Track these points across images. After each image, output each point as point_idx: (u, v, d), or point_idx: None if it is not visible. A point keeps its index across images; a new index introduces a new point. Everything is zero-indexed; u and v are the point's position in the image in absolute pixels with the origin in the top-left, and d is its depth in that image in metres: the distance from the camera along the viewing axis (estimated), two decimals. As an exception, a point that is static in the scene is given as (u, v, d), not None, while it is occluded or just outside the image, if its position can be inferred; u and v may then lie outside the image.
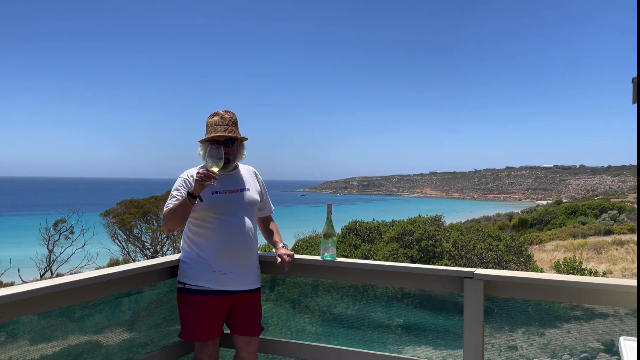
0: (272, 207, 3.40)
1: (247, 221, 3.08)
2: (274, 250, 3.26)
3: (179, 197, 2.96)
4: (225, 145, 2.99)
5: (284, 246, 3.23)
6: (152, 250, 15.56)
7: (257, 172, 3.30)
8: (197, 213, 2.99)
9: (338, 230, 11.43)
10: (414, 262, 9.48)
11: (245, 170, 3.22)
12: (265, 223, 3.38)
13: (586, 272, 12.04)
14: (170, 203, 3.00)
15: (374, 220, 12.44)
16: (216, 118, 3.02)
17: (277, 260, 3.11)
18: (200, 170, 2.82)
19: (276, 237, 3.30)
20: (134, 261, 13.50)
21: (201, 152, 3.09)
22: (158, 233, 15.40)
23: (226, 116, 3.03)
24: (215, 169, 2.82)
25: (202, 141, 3.06)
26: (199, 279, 2.98)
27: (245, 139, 3.10)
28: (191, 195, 2.83)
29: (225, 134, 2.96)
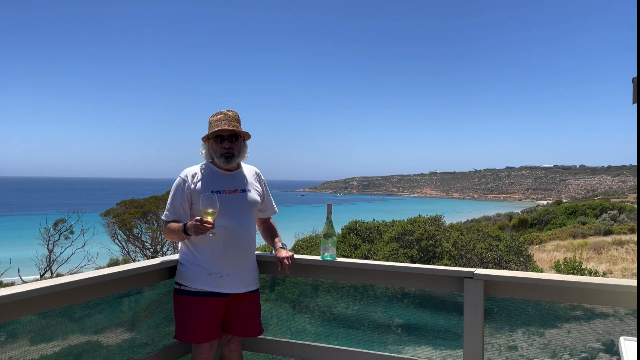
0: (276, 209, 3.38)
1: (246, 223, 3.06)
2: (273, 251, 3.26)
3: (175, 219, 3.00)
4: (229, 140, 2.99)
5: (283, 246, 3.22)
6: (152, 250, 15.56)
7: (260, 173, 3.28)
8: (196, 213, 2.98)
9: (338, 230, 11.43)
10: (414, 262, 9.48)
11: (248, 170, 3.21)
12: (265, 224, 3.37)
13: (586, 272, 12.04)
14: (168, 216, 3.03)
15: (374, 220, 12.44)
16: (220, 116, 3.03)
17: (278, 266, 3.11)
18: (197, 223, 2.77)
19: (275, 238, 3.30)
20: (134, 261, 13.49)
21: (203, 152, 3.09)
22: (158, 233, 15.39)
23: (230, 114, 3.04)
24: (210, 218, 2.78)
25: (205, 139, 3.06)
26: (195, 281, 2.97)
27: (249, 135, 3.10)
28: (186, 232, 2.88)
29: (229, 128, 2.97)
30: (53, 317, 2.58)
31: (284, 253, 3.13)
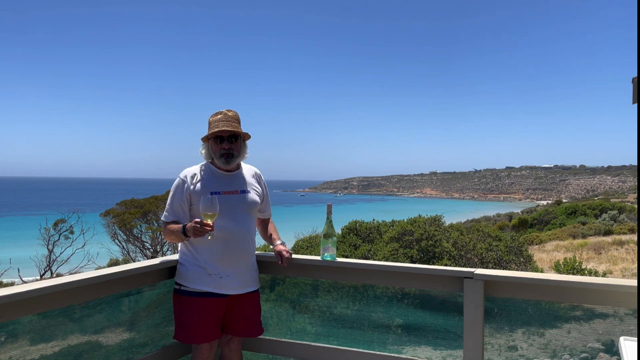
0: (271, 213, 3.39)
1: (246, 224, 3.06)
2: (273, 250, 3.25)
3: (175, 220, 3.00)
4: (228, 141, 2.99)
5: (282, 243, 3.22)
6: (152, 250, 15.56)
7: (260, 173, 3.28)
8: (196, 214, 2.98)
9: (338, 230, 11.43)
10: (414, 262, 9.48)
11: (248, 171, 3.20)
12: (263, 223, 3.37)
13: (586, 272, 12.03)
14: (167, 217, 3.03)
15: (374, 220, 12.44)
16: (219, 116, 3.02)
17: (278, 260, 3.10)
18: (196, 225, 2.78)
19: (274, 235, 3.29)
20: (134, 261, 13.51)
21: (203, 152, 3.09)
22: (158, 233, 15.40)
23: (229, 114, 3.03)
24: (210, 221, 2.78)
25: (205, 139, 3.05)
26: (195, 281, 2.97)
27: (249, 136, 3.10)
28: (186, 234, 2.88)
29: (228, 129, 2.97)
30: (53, 317, 2.58)
31: (282, 248, 3.13)
